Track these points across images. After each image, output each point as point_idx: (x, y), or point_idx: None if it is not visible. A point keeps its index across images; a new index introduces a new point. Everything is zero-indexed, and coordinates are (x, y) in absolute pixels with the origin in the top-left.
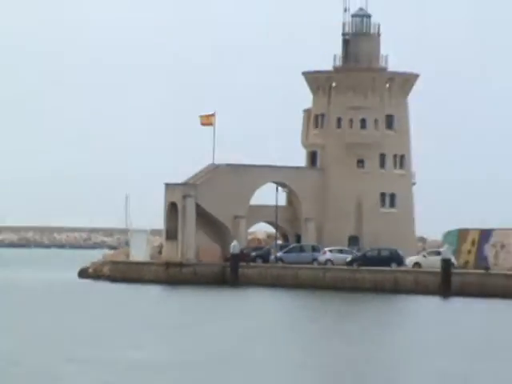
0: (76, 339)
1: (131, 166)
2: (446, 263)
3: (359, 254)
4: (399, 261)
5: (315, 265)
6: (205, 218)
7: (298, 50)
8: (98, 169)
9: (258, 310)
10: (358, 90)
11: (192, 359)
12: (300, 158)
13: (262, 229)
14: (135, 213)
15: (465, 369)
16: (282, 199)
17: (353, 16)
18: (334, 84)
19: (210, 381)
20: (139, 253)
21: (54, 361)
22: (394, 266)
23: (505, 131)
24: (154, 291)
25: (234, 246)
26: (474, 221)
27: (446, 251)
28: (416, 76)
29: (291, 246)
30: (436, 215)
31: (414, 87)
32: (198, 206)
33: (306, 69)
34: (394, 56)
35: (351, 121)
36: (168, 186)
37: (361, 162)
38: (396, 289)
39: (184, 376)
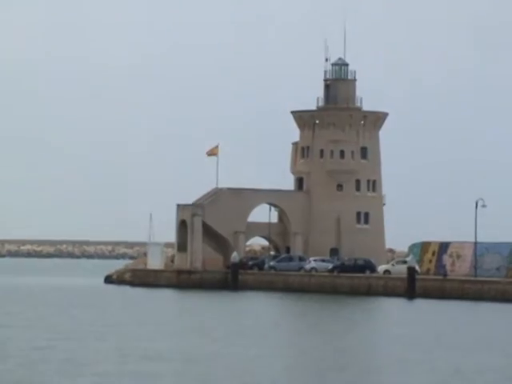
0: (98, 331)
1: (149, 190)
2: (411, 270)
3: (339, 262)
4: (372, 268)
5: (302, 272)
6: (210, 233)
7: (287, 93)
8: (121, 194)
9: (254, 309)
10: (338, 126)
11: (196, 351)
12: (289, 183)
13: (257, 242)
14: (152, 228)
15: (424, 356)
16: (274, 217)
17: (333, 65)
18: (317, 121)
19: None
20: (155, 262)
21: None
22: (367, 273)
23: (454, 156)
24: (167, 294)
25: (234, 257)
26: (435, 235)
27: (411, 260)
28: (386, 114)
29: (282, 256)
30: (402, 230)
31: (385, 123)
32: (204, 223)
33: (294, 109)
34: (367, 97)
35: (332, 152)
36: (179, 206)
37: (340, 186)
38: (369, 292)
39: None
